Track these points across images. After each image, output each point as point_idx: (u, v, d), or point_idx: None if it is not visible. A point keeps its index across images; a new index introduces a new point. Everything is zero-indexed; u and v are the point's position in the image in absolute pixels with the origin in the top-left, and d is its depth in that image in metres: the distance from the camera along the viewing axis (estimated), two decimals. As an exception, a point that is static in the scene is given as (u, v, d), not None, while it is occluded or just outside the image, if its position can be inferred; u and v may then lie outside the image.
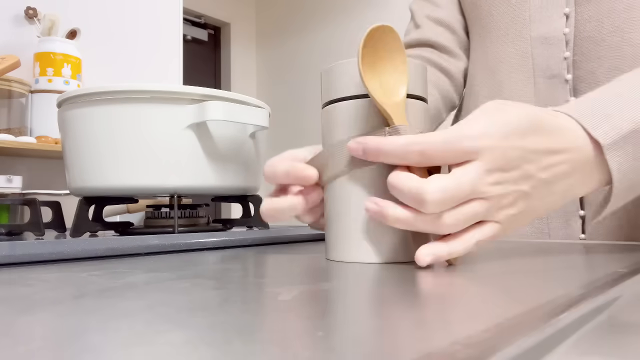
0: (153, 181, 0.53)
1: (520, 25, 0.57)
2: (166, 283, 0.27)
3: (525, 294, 0.24)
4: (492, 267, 0.31)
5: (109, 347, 0.14)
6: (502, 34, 0.59)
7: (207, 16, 3.22)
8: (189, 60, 3.04)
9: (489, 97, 0.60)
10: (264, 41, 3.35)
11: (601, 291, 0.23)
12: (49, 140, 1.14)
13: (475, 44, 0.64)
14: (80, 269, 0.32)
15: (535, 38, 0.56)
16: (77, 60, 1.23)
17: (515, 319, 0.17)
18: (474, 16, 0.64)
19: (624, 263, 0.34)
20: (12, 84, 1.12)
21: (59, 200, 0.66)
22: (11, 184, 0.91)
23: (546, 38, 0.55)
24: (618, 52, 0.52)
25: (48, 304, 0.21)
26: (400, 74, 0.34)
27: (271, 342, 0.15)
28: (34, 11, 1.22)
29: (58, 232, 0.64)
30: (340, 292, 0.24)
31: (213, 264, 0.36)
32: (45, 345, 0.15)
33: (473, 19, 0.64)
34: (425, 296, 0.23)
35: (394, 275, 0.29)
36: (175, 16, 1.56)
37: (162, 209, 0.62)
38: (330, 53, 2.83)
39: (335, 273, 0.30)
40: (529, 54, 0.56)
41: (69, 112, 0.56)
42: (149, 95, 0.53)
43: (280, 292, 0.24)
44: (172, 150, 0.53)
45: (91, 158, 0.55)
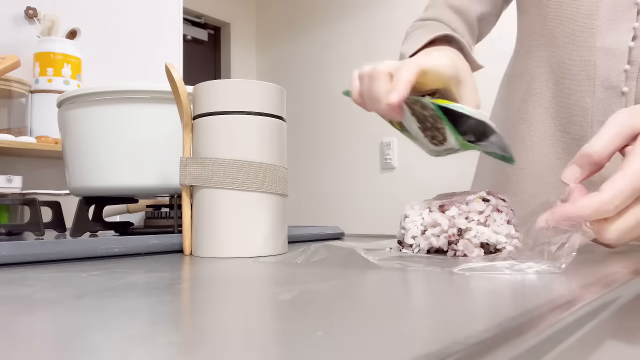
0: (153, 181, 0.53)
1: (587, 34, 0.57)
2: (166, 283, 0.27)
3: (526, 294, 0.24)
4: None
5: (109, 347, 0.14)
6: (568, 40, 0.59)
7: (207, 16, 3.21)
8: (189, 60, 3.04)
9: (553, 101, 0.61)
10: (264, 41, 3.35)
11: (601, 291, 0.23)
12: (49, 140, 1.14)
13: (536, 42, 0.64)
14: (80, 269, 0.32)
15: (600, 48, 0.56)
16: (77, 60, 1.23)
17: (516, 319, 0.17)
18: (537, 13, 0.63)
19: (624, 263, 0.34)
20: (12, 84, 1.12)
21: (59, 200, 0.66)
22: (11, 184, 0.91)
23: (610, 49, 0.56)
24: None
25: (48, 304, 0.21)
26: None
27: (272, 342, 0.15)
28: (34, 11, 1.22)
29: (58, 232, 0.64)
30: (341, 292, 0.24)
31: (213, 263, 0.36)
32: (45, 345, 0.15)
33: (535, 16, 0.63)
34: (425, 296, 0.23)
35: (393, 274, 0.29)
36: (175, 16, 1.56)
37: (162, 209, 0.62)
38: (331, 53, 2.83)
39: (338, 273, 0.30)
40: (592, 63, 0.57)
41: (69, 112, 0.56)
42: (149, 95, 0.53)
43: (280, 292, 0.24)
44: (172, 150, 0.53)
45: (91, 158, 0.55)
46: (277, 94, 0.44)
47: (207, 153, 0.41)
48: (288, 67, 3.12)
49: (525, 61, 0.65)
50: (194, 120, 0.43)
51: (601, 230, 0.36)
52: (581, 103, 0.58)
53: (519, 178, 0.63)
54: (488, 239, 0.36)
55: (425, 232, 0.38)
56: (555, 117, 0.60)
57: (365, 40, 2.64)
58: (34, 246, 0.37)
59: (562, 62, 0.60)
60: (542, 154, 0.61)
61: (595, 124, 0.56)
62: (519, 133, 0.64)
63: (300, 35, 3.06)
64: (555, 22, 0.61)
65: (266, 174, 0.41)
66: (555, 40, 0.61)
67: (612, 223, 0.36)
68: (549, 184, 0.60)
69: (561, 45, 0.60)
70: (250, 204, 0.40)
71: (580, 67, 0.58)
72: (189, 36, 3.15)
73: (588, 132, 0.57)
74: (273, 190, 0.41)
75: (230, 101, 0.41)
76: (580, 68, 0.58)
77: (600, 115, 0.56)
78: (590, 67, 0.57)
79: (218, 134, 0.41)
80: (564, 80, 0.60)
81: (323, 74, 2.85)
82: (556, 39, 0.61)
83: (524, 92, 0.65)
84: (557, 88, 0.60)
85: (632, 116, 0.38)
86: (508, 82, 0.70)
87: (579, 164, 0.38)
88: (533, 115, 0.63)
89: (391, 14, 2.52)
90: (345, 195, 2.64)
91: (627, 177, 0.35)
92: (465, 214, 0.37)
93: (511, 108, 0.67)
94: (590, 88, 0.57)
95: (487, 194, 0.39)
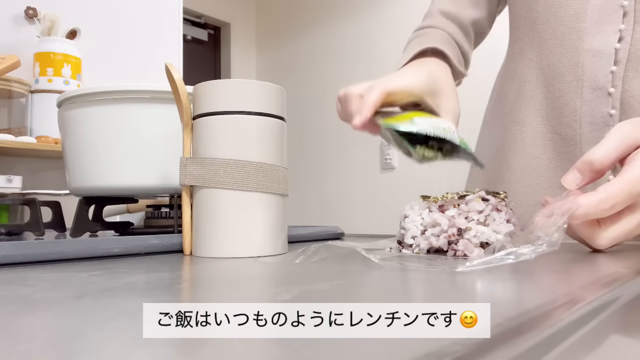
0: (153, 181, 0.53)
1: (575, 36, 0.58)
2: (166, 283, 0.27)
3: (526, 294, 0.24)
4: (492, 267, 0.31)
5: (109, 347, 0.14)
6: (557, 43, 0.60)
7: (207, 16, 3.21)
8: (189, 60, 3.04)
9: (543, 103, 0.62)
10: (264, 41, 3.35)
11: (601, 291, 0.23)
12: (49, 140, 1.14)
13: (526, 45, 0.65)
14: (80, 269, 0.32)
15: (588, 50, 0.57)
16: (77, 60, 1.23)
17: (516, 318, 0.17)
18: (526, 17, 0.64)
19: (624, 263, 0.34)
20: (12, 84, 1.12)
21: (59, 200, 0.66)
22: (11, 184, 0.91)
23: (598, 51, 0.57)
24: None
25: (48, 304, 0.21)
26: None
27: (272, 342, 0.15)
28: (34, 11, 1.22)
29: (58, 232, 0.64)
30: (341, 291, 0.24)
31: (213, 263, 0.36)
32: (45, 345, 0.15)
33: (524, 19, 0.65)
34: (426, 296, 0.23)
35: (393, 274, 0.29)
36: (175, 16, 1.56)
37: (162, 209, 0.62)
38: (331, 54, 2.83)
39: (338, 273, 0.30)
40: (580, 65, 0.58)
41: (69, 112, 0.56)
42: (149, 95, 0.53)
43: (280, 292, 0.24)
44: (172, 150, 0.53)
45: (91, 158, 0.55)
46: (277, 94, 0.44)
47: (207, 153, 0.41)
48: (288, 67, 3.12)
49: (516, 63, 0.67)
50: (194, 120, 0.43)
51: (594, 235, 0.37)
52: (570, 104, 0.59)
53: (511, 178, 0.63)
54: (488, 239, 0.36)
55: (425, 232, 0.38)
56: (546, 118, 0.61)
57: (365, 40, 2.64)
58: (34, 246, 0.37)
59: (551, 64, 0.61)
60: (533, 154, 0.62)
61: (585, 125, 0.57)
62: (510, 134, 0.65)
63: (300, 35, 3.06)
64: (544, 25, 0.62)
65: (266, 174, 0.41)
66: (545, 43, 0.62)
67: (605, 229, 0.37)
68: (540, 184, 0.61)
69: (550, 48, 0.61)
70: (250, 204, 0.40)
71: (569, 69, 0.59)
72: (189, 36, 3.15)
73: (577, 133, 0.58)
74: (273, 190, 0.41)
75: (230, 101, 0.41)
76: (569, 70, 0.59)
77: (588, 116, 0.57)
78: (579, 68, 0.58)
79: (218, 134, 0.41)
80: (553, 82, 0.61)
81: (323, 73, 2.85)
82: (545, 41, 0.62)
83: (515, 94, 0.66)
84: (547, 90, 0.61)
85: (635, 127, 0.39)
86: (500, 84, 0.71)
87: (580, 170, 0.39)
88: (524, 116, 0.64)
89: (392, 15, 2.52)
90: (345, 195, 2.64)
91: (624, 181, 0.36)
92: (464, 214, 0.37)
93: (503, 109, 0.68)
94: (578, 89, 0.58)
95: (486, 194, 0.39)
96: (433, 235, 0.38)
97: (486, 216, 0.37)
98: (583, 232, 0.37)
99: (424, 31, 0.65)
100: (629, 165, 0.37)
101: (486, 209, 0.37)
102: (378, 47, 2.52)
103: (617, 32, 0.56)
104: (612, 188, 0.36)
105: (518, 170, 0.63)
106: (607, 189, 0.36)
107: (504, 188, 0.63)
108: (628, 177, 0.36)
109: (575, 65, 0.58)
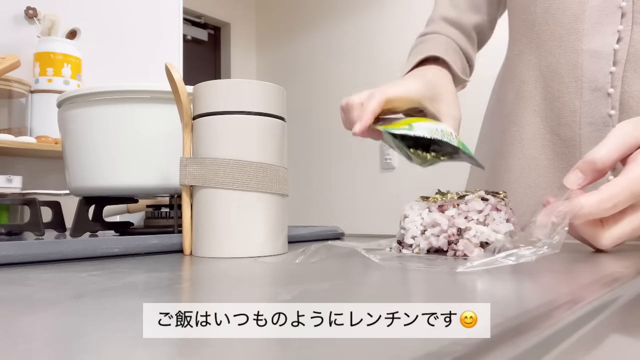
0: (153, 181, 0.53)
1: (574, 37, 0.59)
2: (166, 283, 0.27)
3: (526, 294, 0.24)
4: (495, 267, 0.31)
5: (109, 347, 0.14)
6: (555, 44, 0.61)
7: (207, 16, 3.21)
8: (189, 60, 3.04)
9: (542, 104, 0.62)
10: (264, 41, 3.35)
11: (601, 291, 0.23)
12: (49, 140, 1.14)
13: (525, 47, 0.65)
14: (80, 269, 0.32)
15: (586, 51, 0.58)
16: (77, 60, 1.23)
17: (516, 318, 0.17)
18: (525, 19, 0.64)
19: (624, 263, 0.34)
20: (12, 84, 1.12)
21: (59, 200, 0.66)
22: (11, 184, 0.91)
23: (596, 52, 0.57)
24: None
25: (48, 304, 0.21)
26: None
27: (272, 342, 0.15)
28: (34, 11, 1.22)
29: (58, 232, 0.64)
30: (341, 291, 0.24)
31: (213, 263, 0.36)
32: (45, 345, 0.15)
33: (523, 21, 0.65)
34: (426, 296, 0.23)
35: (393, 274, 0.29)
36: (175, 16, 1.56)
37: (162, 209, 0.62)
38: (331, 53, 2.83)
39: (338, 273, 0.30)
40: (579, 66, 0.58)
41: (69, 112, 0.56)
42: (149, 95, 0.53)
43: (280, 292, 0.24)
44: (172, 150, 0.53)
45: (91, 158, 0.55)
46: (277, 94, 0.44)
47: (207, 153, 0.41)
48: (288, 67, 3.12)
49: (516, 65, 0.67)
50: (194, 120, 0.43)
51: (597, 235, 0.37)
52: (569, 105, 0.59)
53: (510, 179, 0.63)
54: (488, 238, 0.36)
55: (425, 232, 0.38)
56: (545, 119, 0.61)
57: (365, 40, 2.64)
58: (34, 246, 0.37)
59: (550, 65, 0.61)
60: (532, 155, 0.62)
61: (584, 126, 0.57)
62: (509, 135, 0.65)
63: (301, 35, 3.06)
64: (543, 27, 0.62)
65: (266, 174, 0.41)
66: (543, 44, 0.62)
67: (608, 229, 0.37)
68: (539, 185, 0.61)
69: (549, 49, 0.61)
70: (250, 204, 0.40)
71: (568, 70, 0.59)
72: (189, 36, 3.15)
73: (577, 133, 0.58)
74: (273, 190, 0.41)
75: (230, 101, 0.41)
76: (567, 71, 0.59)
77: (587, 116, 0.57)
78: (578, 69, 0.58)
79: (218, 134, 0.41)
80: (552, 83, 0.61)
81: (323, 73, 2.85)
82: (544, 42, 0.62)
83: (515, 95, 0.66)
84: (546, 91, 0.62)
85: (636, 127, 0.39)
86: (500, 85, 0.71)
87: (582, 169, 0.39)
88: (523, 117, 0.64)
89: (392, 15, 2.51)
90: (345, 195, 2.64)
91: (626, 181, 0.36)
92: (464, 214, 0.37)
93: (502, 111, 0.69)
94: (578, 90, 0.58)
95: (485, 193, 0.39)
96: (433, 235, 0.38)
97: (486, 216, 0.37)
98: (586, 232, 0.37)
99: (427, 37, 0.66)
100: (631, 164, 0.37)
101: (486, 209, 0.37)
102: (378, 47, 2.52)
103: (616, 33, 0.56)
104: (614, 187, 0.36)
105: (517, 171, 0.63)
106: (609, 188, 0.36)
107: (503, 189, 0.63)
108: (630, 176, 0.36)
109: (574, 66, 0.58)
